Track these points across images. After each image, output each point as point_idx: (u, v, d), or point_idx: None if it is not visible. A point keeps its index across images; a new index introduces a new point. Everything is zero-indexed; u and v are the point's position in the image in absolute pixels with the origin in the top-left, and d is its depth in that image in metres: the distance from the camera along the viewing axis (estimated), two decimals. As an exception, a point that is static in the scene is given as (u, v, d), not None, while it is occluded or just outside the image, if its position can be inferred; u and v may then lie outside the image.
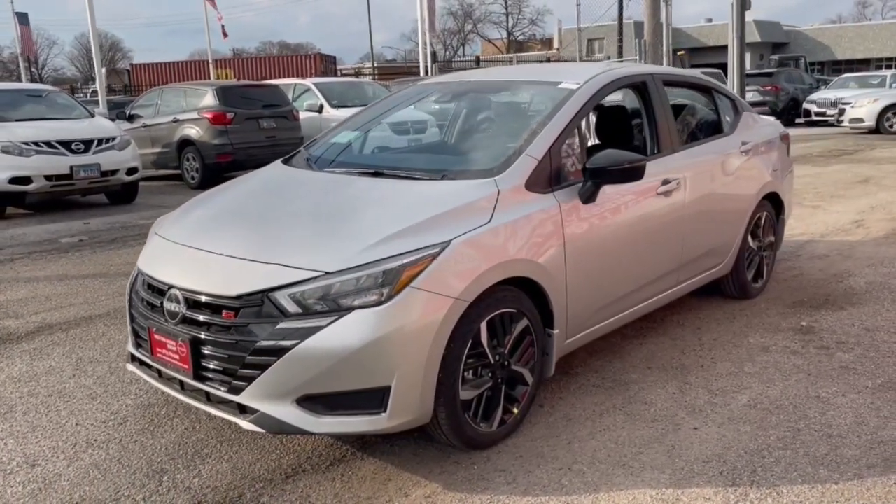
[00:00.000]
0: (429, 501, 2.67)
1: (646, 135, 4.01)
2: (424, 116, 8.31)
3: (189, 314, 2.80)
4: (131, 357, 3.21)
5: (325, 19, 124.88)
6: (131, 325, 3.19)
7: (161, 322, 2.91)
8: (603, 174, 3.27)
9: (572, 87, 3.62)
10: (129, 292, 3.23)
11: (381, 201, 3.10)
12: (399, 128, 7.70)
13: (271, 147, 11.17)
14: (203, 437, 3.17)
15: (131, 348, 3.21)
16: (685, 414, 3.27)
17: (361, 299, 2.61)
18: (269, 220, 3.15)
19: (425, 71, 22.11)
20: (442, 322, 2.67)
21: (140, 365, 3.15)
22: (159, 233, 3.33)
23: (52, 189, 9.28)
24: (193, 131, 11.67)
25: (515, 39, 65.09)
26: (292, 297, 2.63)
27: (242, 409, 2.70)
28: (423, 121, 8.51)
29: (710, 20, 47.35)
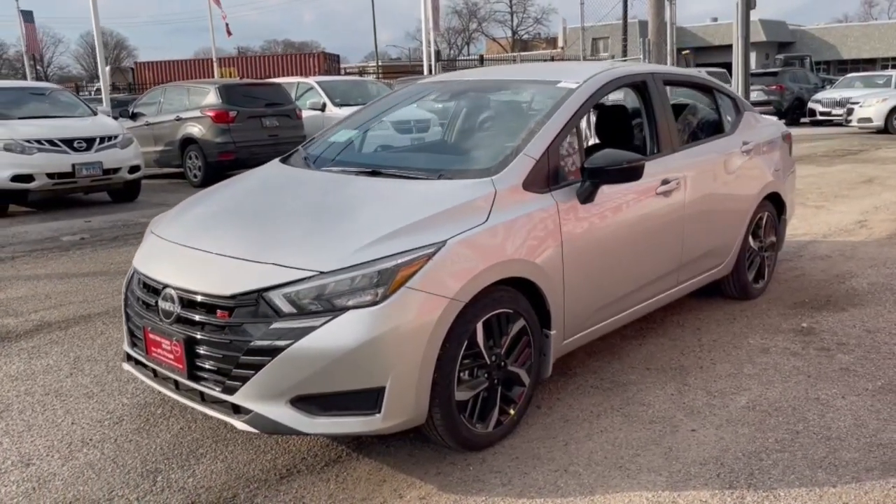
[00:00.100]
0: (423, 503, 2.65)
1: (645, 134, 3.98)
2: (427, 115, 8.30)
3: (184, 313, 2.79)
4: (127, 356, 3.20)
5: (330, 18, 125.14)
6: (127, 325, 3.18)
7: (156, 321, 2.90)
8: (601, 174, 3.24)
9: (571, 87, 3.60)
10: (125, 291, 3.22)
11: (377, 201, 3.08)
12: (402, 126, 7.69)
13: (274, 145, 11.14)
14: (198, 436, 3.16)
15: (127, 347, 3.20)
16: (683, 415, 3.25)
17: (356, 299, 2.60)
18: (264, 220, 3.14)
19: (429, 70, 22.08)
20: (437, 322, 2.65)
21: (136, 364, 3.14)
22: (155, 232, 3.32)
23: (55, 187, 9.29)
24: (196, 130, 11.68)
25: (520, 38, 64.97)
26: (287, 297, 2.62)
27: (236, 410, 2.68)
28: (426, 119, 8.50)
29: (716, 19, 47.27)
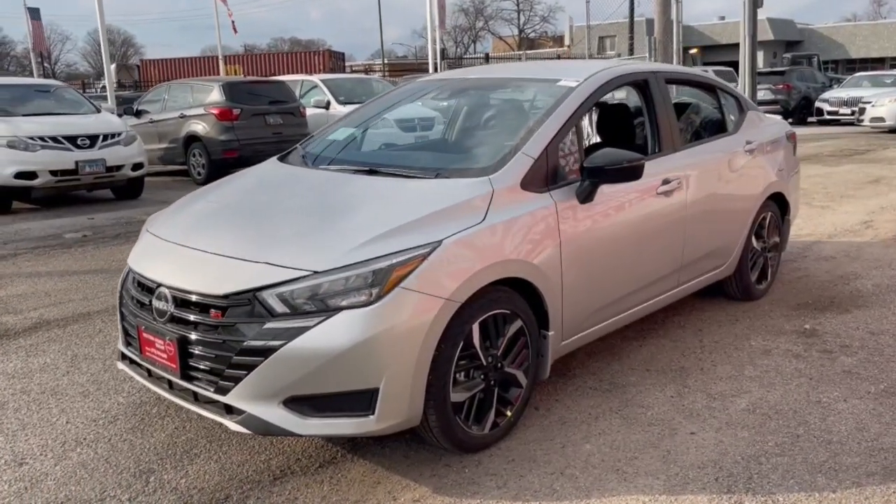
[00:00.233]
0: (417, 505, 2.63)
1: (647, 133, 3.94)
2: (431, 113, 8.25)
3: (177, 313, 2.77)
4: (122, 355, 3.18)
5: (337, 16, 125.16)
6: (122, 323, 3.16)
7: (150, 320, 2.88)
8: (600, 173, 3.21)
9: (571, 85, 3.56)
10: (120, 290, 3.20)
11: (373, 200, 3.05)
12: (406, 124, 7.65)
13: (277, 143, 11.11)
14: (193, 436, 3.14)
15: (121, 346, 3.18)
16: (682, 418, 3.21)
17: (350, 299, 2.57)
18: (260, 219, 3.11)
19: (434, 68, 22.03)
20: (432, 323, 2.62)
21: (130, 363, 3.12)
22: (150, 230, 3.30)
23: (58, 184, 9.29)
24: (200, 127, 11.68)
25: (526, 37, 64.86)
26: (280, 297, 2.59)
27: (229, 410, 2.66)
28: (430, 118, 8.45)
29: (723, 18, 47.11)
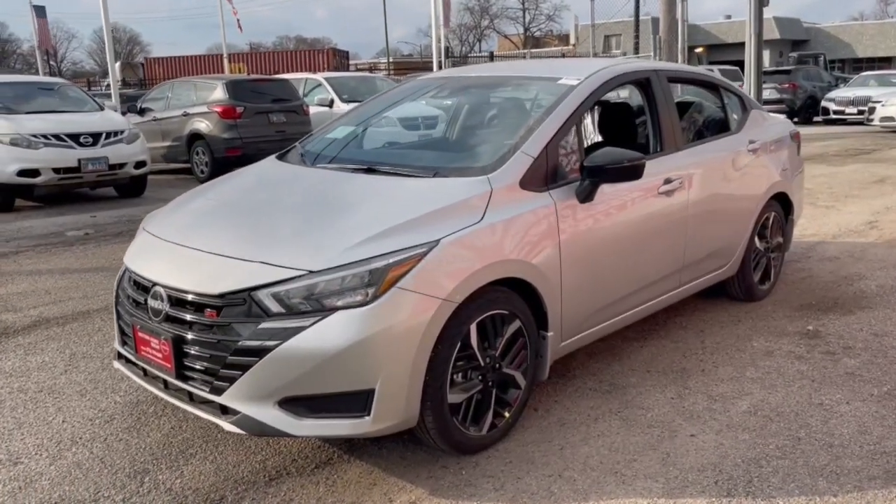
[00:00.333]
0: (413, 507, 2.60)
1: (648, 132, 3.91)
2: (435, 112, 8.21)
3: (172, 312, 2.75)
4: (118, 354, 3.17)
5: (342, 14, 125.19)
6: (118, 322, 3.14)
7: (145, 320, 2.86)
8: (601, 173, 3.17)
9: (572, 83, 3.53)
10: (117, 289, 3.18)
11: (370, 199, 3.03)
12: (409, 123, 7.61)
13: (280, 141, 11.04)
14: (189, 436, 3.12)
15: (118, 345, 3.16)
16: (682, 420, 3.18)
17: (346, 299, 2.54)
18: (256, 217, 3.09)
19: (438, 66, 21.99)
20: (429, 323, 2.60)
21: (126, 363, 3.10)
22: (147, 228, 3.28)
23: (60, 182, 9.29)
24: (203, 125, 11.67)
25: (532, 35, 64.72)
26: (275, 297, 2.57)
27: (224, 411, 2.64)
28: (434, 116, 8.41)
29: (730, 17, 46.99)
